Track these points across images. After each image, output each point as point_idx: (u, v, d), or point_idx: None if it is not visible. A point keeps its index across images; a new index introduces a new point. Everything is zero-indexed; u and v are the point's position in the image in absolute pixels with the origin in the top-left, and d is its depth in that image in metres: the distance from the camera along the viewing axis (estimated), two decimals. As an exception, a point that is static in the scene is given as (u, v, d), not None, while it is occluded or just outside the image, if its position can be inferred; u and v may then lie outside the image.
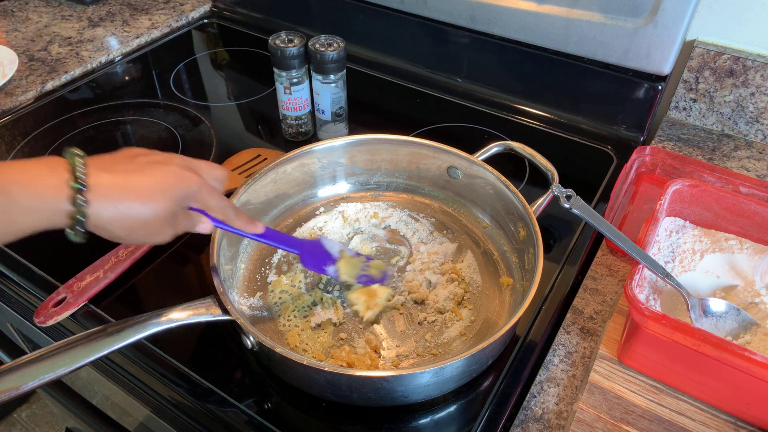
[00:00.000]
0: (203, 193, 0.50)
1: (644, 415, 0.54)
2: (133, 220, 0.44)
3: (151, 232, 0.47)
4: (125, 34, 1.13)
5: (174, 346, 0.61)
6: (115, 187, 0.43)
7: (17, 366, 0.46)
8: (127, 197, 0.44)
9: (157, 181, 0.46)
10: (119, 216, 0.44)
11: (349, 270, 0.63)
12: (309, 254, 0.62)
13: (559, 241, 0.73)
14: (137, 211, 0.44)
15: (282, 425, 0.55)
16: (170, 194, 0.46)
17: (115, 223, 0.44)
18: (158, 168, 0.47)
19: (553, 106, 0.95)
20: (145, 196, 0.45)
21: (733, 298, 0.59)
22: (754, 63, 0.81)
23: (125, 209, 0.44)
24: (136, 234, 0.46)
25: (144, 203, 0.44)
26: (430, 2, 0.96)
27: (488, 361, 0.58)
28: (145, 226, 0.45)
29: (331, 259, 0.63)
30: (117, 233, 0.45)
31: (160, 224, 0.46)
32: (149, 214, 0.45)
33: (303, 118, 0.87)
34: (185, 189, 0.48)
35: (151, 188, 0.45)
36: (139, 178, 0.45)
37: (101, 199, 0.42)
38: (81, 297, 0.64)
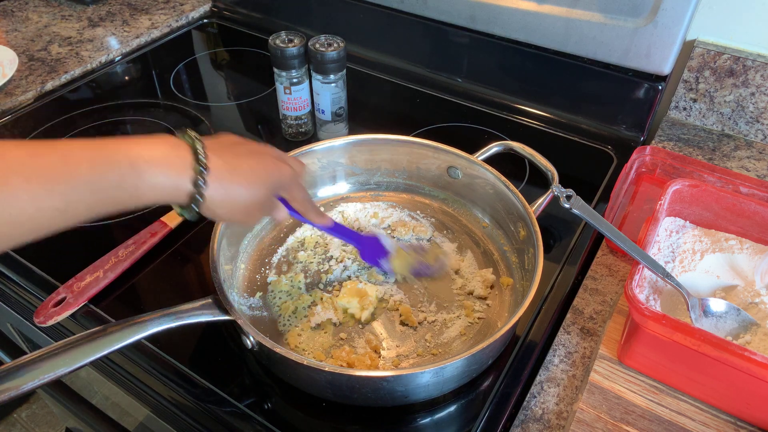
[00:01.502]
0: (294, 185, 0.54)
1: (644, 415, 0.54)
2: (237, 203, 0.48)
3: (247, 215, 0.50)
4: (125, 34, 1.13)
5: (174, 346, 0.61)
6: (227, 172, 0.46)
7: (17, 366, 0.46)
8: (235, 181, 0.47)
9: (259, 169, 0.49)
10: (227, 198, 0.47)
11: (403, 264, 0.66)
12: (367, 248, 0.66)
13: (559, 241, 0.73)
14: (241, 194, 0.48)
15: (282, 425, 0.55)
16: (269, 182, 0.50)
17: (222, 203, 0.47)
18: (258, 157, 0.50)
19: (553, 106, 0.95)
20: (250, 182, 0.48)
21: (733, 298, 0.59)
22: (754, 63, 0.81)
23: (233, 192, 0.47)
24: (235, 215, 0.49)
25: (248, 188, 0.48)
26: (430, 2, 0.96)
27: (488, 361, 0.58)
28: (244, 209, 0.49)
29: (386, 253, 0.66)
30: (222, 213, 0.48)
31: (256, 208, 0.50)
32: (251, 198, 0.48)
33: (303, 118, 0.87)
34: (281, 178, 0.52)
35: (255, 175, 0.49)
36: (245, 164, 0.48)
37: (216, 182, 0.45)
38: (81, 297, 0.64)
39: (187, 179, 0.44)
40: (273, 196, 0.53)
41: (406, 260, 0.66)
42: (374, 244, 0.66)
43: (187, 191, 0.44)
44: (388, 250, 0.66)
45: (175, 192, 0.44)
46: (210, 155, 0.45)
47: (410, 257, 0.67)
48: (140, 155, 0.42)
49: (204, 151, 0.45)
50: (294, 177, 0.53)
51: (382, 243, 0.66)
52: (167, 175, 0.43)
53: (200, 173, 0.44)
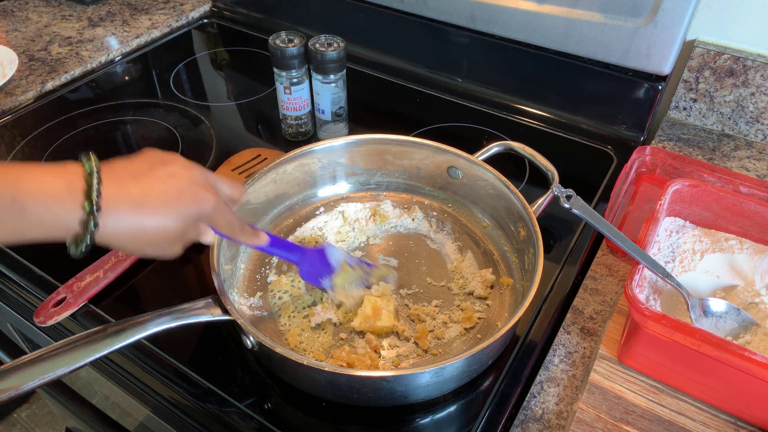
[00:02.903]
0: (216, 213, 0.48)
1: (644, 415, 0.54)
2: (145, 239, 0.44)
3: (160, 249, 0.46)
4: (125, 34, 1.13)
5: (174, 346, 0.61)
6: (128, 206, 0.42)
7: (17, 366, 0.46)
8: (140, 216, 0.43)
9: (172, 200, 0.44)
10: (131, 234, 0.43)
11: (344, 283, 0.62)
12: (308, 264, 0.61)
13: (559, 241, 0.73)
14: (150, 230, 0.43)
15: (282, 425, 0.55)
16: (184, 214, 0.45)
17: (125, 239, 0.43)
18: (174, 185, 0.45)
19: (553, 106, 0.95)
20: (159, 216, 0.44)
21: (733, 298, 0.59)
22: (754, 63, 0.81)
23: (138, 227, 0.43)
24: (144, 250, 0.45)
25: (156, 222, 0.44)
26: (430, 2, 0.96)
27: (488, 361, 0.58)
28: (156, 244, 0.45)
29: (329, 270, 0.62)
30: (127, 248, 0.44)
31: (172, 241, 0.46)
32: (162, 232, 0.44)
33: (303, 118, 0.87)
34: (199, 210, 0.46)
35: (166, 208, 0.44)
36: (154, 196, 0.44)
37: (114, 218, 0.41)
38: (81, 297, 0.64)
39: (75, 220, 0.40)
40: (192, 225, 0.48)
41: (349, 278, 0.62)
42: (318, 259, 0.62)
43: (74, 232, 0.40)
44: (333, 267, 0.62)
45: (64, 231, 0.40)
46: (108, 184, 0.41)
47: (355, 274, 0.63)
48: (25, 188, 0.38)
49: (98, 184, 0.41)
50: (217, 207, 0.48)
51: (327, 257, 0.62)
52: (54, 211, 0.39)
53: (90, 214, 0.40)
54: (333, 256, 0.62)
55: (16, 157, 0.87)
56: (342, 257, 0.63)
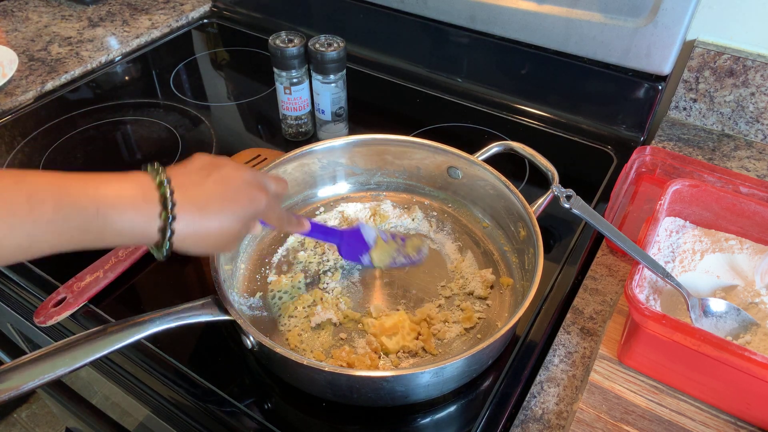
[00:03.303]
0: (269, 210, 0.52)
1: (644, 415, 0.54)
2: (209, 239, 0.47)
3: (222, 247, 0.50)
4: (125, 34, 1.13)
5: (174, 346, 0.61)
6: (196, 211, 0.45)
7: (17, 366, 0.46)
8: (205, 220, 0.46)
9: (230, 202, 0.48)
10: (198, 236, 0.46)
11: (383, 257, 0.65)
12: (347, 245, 0.64)
13: (559, 241, 0.73)
14: (213, 231, 0.47)
15: (282, 425, 0.55)
16: (242, 214, 0.48)
17: (193, 242, 0.46)
18: (230, 187, 0.48)
19: (553, 106, 0.95)
20: (221, 218, 0.47)
21: (733, 298, 0.59)
22: (754, 63, 0.81)
23: (203, 231, 0.46)
24: (209, 249, 0.49)
25: (219, 223, 0.47)
26: (430, 2, 0.96)
27: (488, 361, 0.58)
28: (218, 243, 0.48)
29: (366, 247, 0.65)
30: (193, 250, 0.47)
31: (231, 239, 0.49)
32: (223, 232, 0.47)
33: (303, 118, 0.87)
34: (255, 209, 0.50)
35: (227, 210, 0.47)
36: (215, 200, 0.47)
37: (184, 222, 0.44)
38: (81, 297, 0.64)
39: (154, 225, 0.43)
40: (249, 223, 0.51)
41: (386, 252, 0.65)
42: (355, 239, 0.65)
43: (155, 238, 0.43)
44: (369, 244, 0.65)
45: (142, 237, 0.43)
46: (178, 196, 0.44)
47: (390, 248, 0.66)
48: (106, 199, 0.41)
49: (171, 195, 0.43)
50: (269, 204, 0.51)
51: (363, 235, 0.65)
52: (133, 221, 0.42)
53: (167, 220, 0.43)
54: (367, 233, 0.65)
55: (16, 157, 0.87)
56: (375, 233, 0.66)
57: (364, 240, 0.65)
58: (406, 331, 0.61)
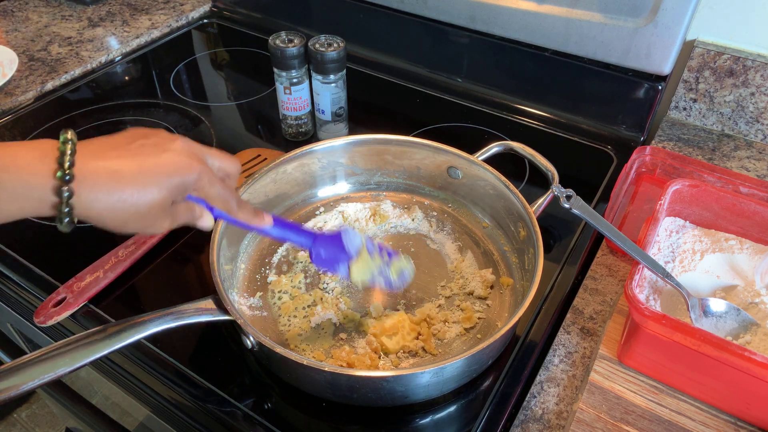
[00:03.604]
0: (203, 182, 0.46)
1: (644, 415, 0.54)
2: (126, 211, 0.42)
3: (146, 224, 0.44)
4: (125, 34, 1.13)
5: (174, 346, 0.61)
6: (106, 176, 0.41)
7: (17, 366, 0.46)
8: (118, 186, 0.41)
9: (152, 168, 0.43)
10: (110, 206, 0.41)
11: (362, 272, 0.57)
12: (322, 249, 0.56)
13: (559, 241, 0.73)
14: (130, 201, 0.42)
15: (282, 425, 0.55)
16: (166, 183, 0.43)
17: (106, 213, 0.41)
18: (156, 154, 0.43)
19: (553, 106, 0.95)
20: (138, 185, 0.42)
21: (733, 298, 0.59)
22: (754, 63, 0.81)
23: (117, 199, 0.41)
24: (129, 225, 0.43)
25: (137, 193, 0.42)
26: (430, 2, 0.96)
27: (488, 361, 0.58)
28: (139, 217, 0.43)
29: (346, 256, 0.57)
30: (109, 224, 0.42)
31: (155, 215, 0.44)
32: (143, 204, 0.42)
33: (303, 118, 0.87)
34: (183, 177, 0.44)
35: (146, 176, 0.42)
36: (133, 165, 0.42)
37: (90, 189, 0.40)
38: (81, 297, 0.64)
39: (48, 189, 0.39)
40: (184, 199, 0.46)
41: (367, 267, 0.58)
42: (333, 244, 0.56)
43: (51, 202, 0.39)
44: (350, 253, 0.57)
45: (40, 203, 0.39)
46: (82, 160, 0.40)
47: (373, 264, 0.58)
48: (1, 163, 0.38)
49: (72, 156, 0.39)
50: (202, 173, 0.45)
51: (344, 242, 0.57)
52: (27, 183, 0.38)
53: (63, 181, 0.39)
54: (351, 241, 0.57)
55: (16, 157, 0.87)
56: (360, 243, 0.58)
57: (344, 247, 0.57)
58: (406, 331, 0.61)
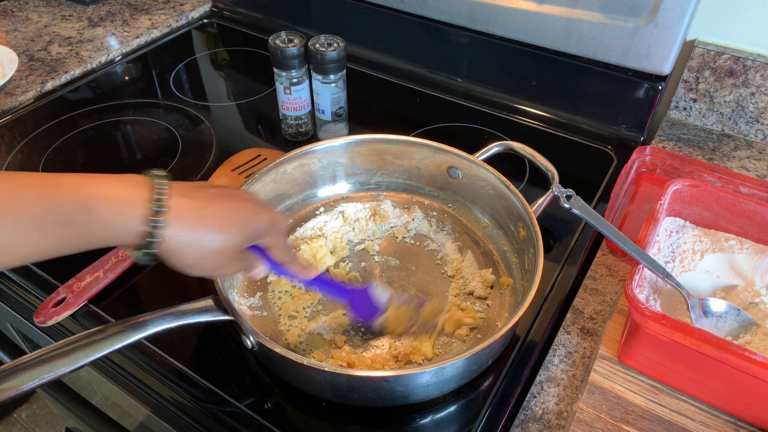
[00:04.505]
0: (274, 230, 0.50)
1: (644, 415, 0.54)
2: (205, 250, 0.44)
3: (219, 264, 0.46)
4: (125, 34, 1.13)
5: (174, 346, 0.61)
6: (192, 213, 0.43)
7: (17, 366, 0.46)
8: (203, 225, 0.43)
9: (233, 212, 0.45)
10: (193, 243, 0.43)
11: (397, 321, 0.60)
12: (358, 303, 0.59)
13: (559, 241, 0.73)
14: (211, 240, 0.44)
15: (282, 425, 0.55)
16: (244, 227, 0.46)
17: (187, 249, 0.43)
18: (234, 200, 0.46)
19: (553, 106, 0.95)
20: (221, 226, 0.44)
21: (733, 298, 0.59)
22: (754, 63, 0.81)
23: (200, 237, 0.43)
24: (204, 264, 0.45)
25: (219, 233, 0.44)
26: (430, 2, 0.96)
27: (488, 361, 0.58)
28: (214, 257, 0.45)
29: (377, 309, 0.60)
30: (187, 260, 0.44)
31: (228, 256, 0.46)
32: (222, 244, 0.44)
33: (303, 118, 0.87)
34: (259, 224, 0.48)
35: (228, 219, 0.45)
36: (216, 208, 0.45)
37: (178, 223, 0.42)
38: (81, 297, 0.64)
39: (140, 219, 0.40)
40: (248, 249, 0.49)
41: (401, 316, 0.60)
42: (365, 298, 0.60)
43: (140, 231, 0.40)
44: (379, 307, 0.60)
45: (129, 233, 0.40)
46: (174, 194, 0.42)
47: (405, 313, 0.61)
48: (94, 192, 0.39)
49: (167, 189, 0.41)
50: (274, 224, 0.49)
51: (373, 296, 0.60)
52: (120, 213, 0.40)
53: (156, 212, 0.40)
54: (378, 295, 0.60)
55: (16, 157, 0.87)
56: (388, 296, 0.61)
57: (374, 301, 0.60)
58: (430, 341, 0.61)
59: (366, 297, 0.60)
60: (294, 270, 0.54)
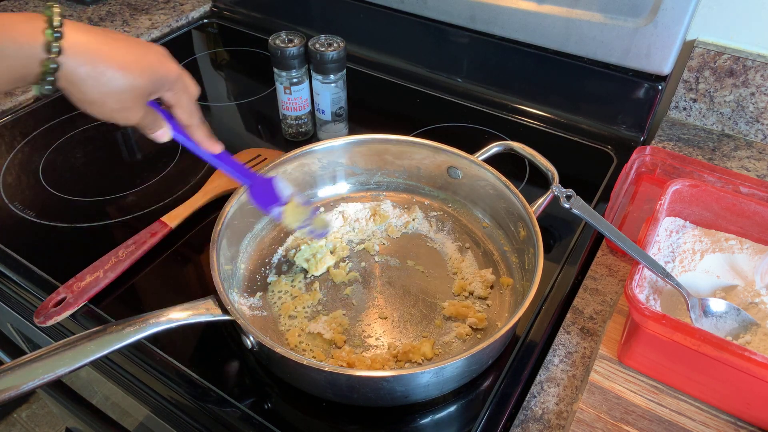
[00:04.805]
0: (179, 86, 0.49)
1: (644, 415, 0.54)
2: (107, 87, 0.44)
3: (121, 105, 0.46)
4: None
5: (174, 346, 0.61)
6: (93, 47, 0.43)
7: (17, 366, 0.46)
8: (105, 60, 0.43)
9: (139, 57, 0.45)
10: (94, 76, 0.43)
11: (294, 217, 0.63)
12: (259, 189, 0.61)
13: (559, 241, 0.73)
14: (114, 77, 0.43)
15: (282, 425, 0.55)
16: (150, 72, 0.45)
17: (88, 82, 0.43)
18: (142, 46, 0.46)
19: (553, 106, 0.95)
20: (124, 65, 0.44)
21: (733, 298, 0.59)
22: (754, 63, 0.81)
23: (103, 71, 0.43)
24: (105, 102, 0.45)
25: (122, 72, 0.44)
26: (430, 2, 0.96)
27: (488, 361, 0.58)
28: (116, 96, 0.45)
29: (279, 201, 0.62)
30: (89, 95, 0.44)
31: (132, 99, 0.46)
32: (125, 84, 0.44)
33: (303, 118, 0.87)
34: (165, 73, 0.47)
35: (133, 60, 0.44)
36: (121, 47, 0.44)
37: (79, 54, 0.42)
38: (81, 297, 0.64)
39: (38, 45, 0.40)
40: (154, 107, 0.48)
41: (297, 213, 0.63)
42: (267, 187, 0.61)
43: (40, 59, 0.40)
44: (281, 199, 0.62)
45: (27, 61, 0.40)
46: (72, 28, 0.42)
47: (302, 212, 0.63)
48: None
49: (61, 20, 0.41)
50: (180, 78, 0.48)
51: (275, 188, 0.62)
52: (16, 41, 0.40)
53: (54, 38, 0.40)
54: (282, 187, 0.62)
55: (16, 157, 0.87)
56: (291, 191, 0.63)
57: (275, 192, 0.62)
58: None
59: (269, 186, 0.61)
60: (197, 138, 0.53)
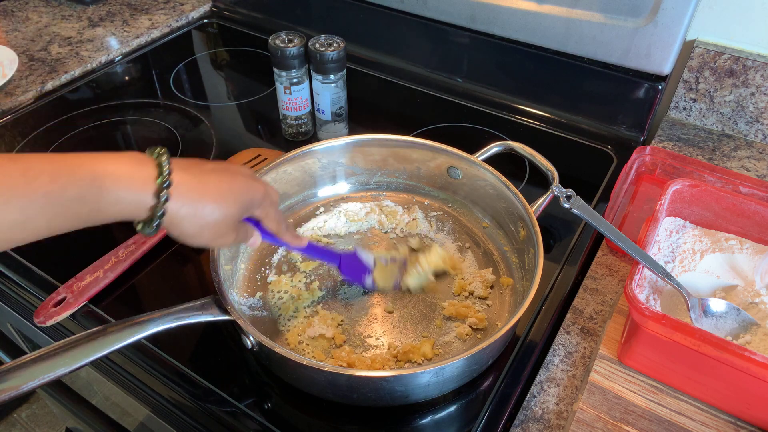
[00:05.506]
0: (267, 203, 0.52)
1: (644, 415, 0.54)
2: (205, 220, 0.47)
3: (216, 234, 0.49)
4: (125, 34, 1.13)
5: (174, 346, 0.61)
6: (194, 187, 0.46)
7: (17, 366, 0.46)
8: (203, 197, 0.46)
9: (229, 185, 0.48)
10: (194, 214, 0.46)
11: (385, 279, 0.65)
12: (347, 265, 0.64)
13: (559, 241, 0.73)
14: (210, 211, 0.46)
15: (282, 425, 0.55)
16: (240, 199, 0.49)
17: (188, 220, 0.46)
18: (230, 174, 0.49)
19: (553, 106, 0.95)
20: (219, 198, 0.47)
21: (733, 298, 0.59)
22: (754, 63, 0.81)
23: (201, 209, 0.46)
24: (203, 234, 0.48)
25: (217, 204, 0.47)
26: (430, 2, 0.96)
27: (488, 361, 0.58)
28: (213, 227, 0.48)
29: (367, 269, 0.65)
30: (188, 230, 0.47)
31: (226, 227, 0.49)
32: (220, 215, 0.47)
33: (303, 118, 0.87)
34: (253, 196, 0.50)
35: (225, 191, 0.48)
36: (214, 181, 0.47)
37: (181, 196, 0.44)
38: (81, 297, 0.64)
39: (149, 193, 0.43)
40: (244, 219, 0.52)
41: (387, 274, 0.65)
42: (354, 260, 0.65)
43: (149, 205, 0.43)
44: (368, 266, 0.65)
45: (137, 207, 0.43)
46: (176, 170, 0.44)
47: (391, 272, 0.66)
48: (104, 170, 0.42)
49: (169, 165, 0.44)
50: (267, 195, 0.52)
51: (361, 259, 0.65)
52: (130, 189, 0.42)
53: (163, 186, 0.43)
54: (365, 256, 0.65)
55: (16, 157, 0.87)
56: (373, 257, 0.66)
57: (362, 262, 0.65)
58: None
59: (355, 259, 0.65)
60: (286, 239, 0.57)
